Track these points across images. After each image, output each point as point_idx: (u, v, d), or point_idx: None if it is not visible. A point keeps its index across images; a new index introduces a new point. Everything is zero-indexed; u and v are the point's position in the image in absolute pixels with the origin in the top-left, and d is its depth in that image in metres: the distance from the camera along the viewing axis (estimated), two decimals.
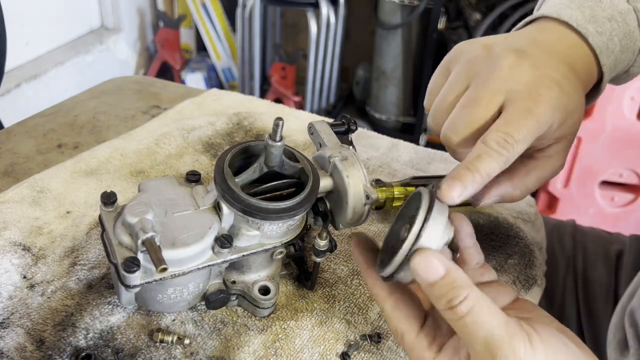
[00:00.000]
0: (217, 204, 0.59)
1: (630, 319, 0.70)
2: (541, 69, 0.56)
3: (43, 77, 2.40)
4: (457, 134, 0.56)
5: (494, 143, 0.52)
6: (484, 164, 0.52)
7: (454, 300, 0.46)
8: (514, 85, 0.55)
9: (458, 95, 0.58)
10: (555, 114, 0.55)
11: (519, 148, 0.53)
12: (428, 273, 0.47)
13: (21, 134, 0.95)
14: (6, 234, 0.69)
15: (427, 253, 0.48)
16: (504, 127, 0.53)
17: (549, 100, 0.54)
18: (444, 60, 0.62)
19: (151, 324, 0.61)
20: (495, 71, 0.56)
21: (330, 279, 0.70)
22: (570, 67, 0.59)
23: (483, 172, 0.52)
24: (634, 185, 2.18)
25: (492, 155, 0.52)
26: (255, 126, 0.96)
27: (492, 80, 0.56)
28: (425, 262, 0.47)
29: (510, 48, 0.58)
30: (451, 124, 0.57)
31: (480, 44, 0.60)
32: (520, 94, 0.54)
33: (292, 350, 0.61)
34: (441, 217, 0.50)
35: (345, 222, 0.61)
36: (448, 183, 0.51)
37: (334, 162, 0.61)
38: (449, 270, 0.47)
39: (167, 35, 2.95)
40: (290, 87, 2.89)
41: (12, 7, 2.15)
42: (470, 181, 0.51)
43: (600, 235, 0.98)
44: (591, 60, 0.62)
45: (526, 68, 0.56)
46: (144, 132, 0.94)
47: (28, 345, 0.57)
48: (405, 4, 2.47)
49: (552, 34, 0.62)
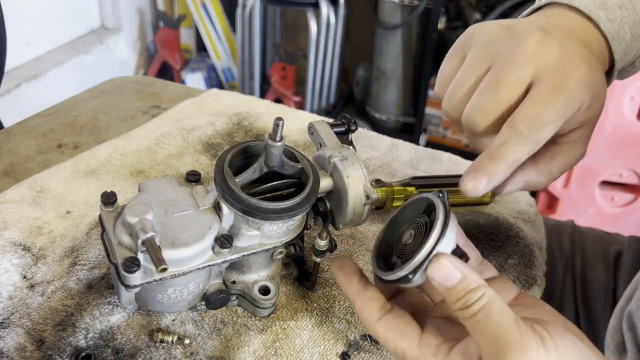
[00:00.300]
0: (217, 204, 0.59)
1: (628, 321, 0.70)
2: (567, 47, 0.53)
3: (43, 77, 2.40)
4: (483, 116, 0.52)
5: (522, 126, 0.49)
6: (511, 150, 0.49)
7: (469, 301, 0.46)
8: (542, 62, 0.52)
9: (479, 77, 0.54)
10: (584, 93, 0.52)
11: (549, 130, 0.50)
12: (446, 279, 0.48)
13: (21, 134, 0.95)
14: (6, 234, 0.69)
15: (442, 260, 0.48)
16: (532, 109, 0.50)
17: (578, 78, 0.51)
18: (455, 44, 0.59)
19: (151, 324, 0.61)
20: (521, 48, 0.52)
21: (330, 279, 0.70)
22: (589, 49, 0.56)
23: (510, 160, 0.49)
24: (634, 185, 2.18)
25: (520, 140, 0.49)
26: (255, 126, 0.96)
27: (518, 58, 0.52)
28: (442, 268, 0.48)
29: (534, 26, 0.54)
30: (476, 107, 0.53)
31: (497, 24, 0.57)
32: (549, 71, 0.51)
33: (292, 350, 0.61)
34: (454, 223, 0.50)
35: (345, 222, 0.61)
36: (472, 175, 0.49)
37: (334, 162, 0.61)
38: (465, 275, 0.47)
39: (167, 35, 2.95)
40: (290, 87, 2.89)
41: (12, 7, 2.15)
42: (496, 171, 0.49)
43: (599, 235, 0.98)
44: (603, 47, 0.59)
45: (554, 45, 0.52)
46: (144, 132, 0.94)
47: (28, 345, 0.57)
48: (405, 4, 2.47)
49: (564, 20, 0.59)
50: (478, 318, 0.46)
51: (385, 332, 0.52)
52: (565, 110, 0.51)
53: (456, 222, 0.51)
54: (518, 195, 0.90)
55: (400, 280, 0.51)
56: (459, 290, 0.47)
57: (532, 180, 0.57)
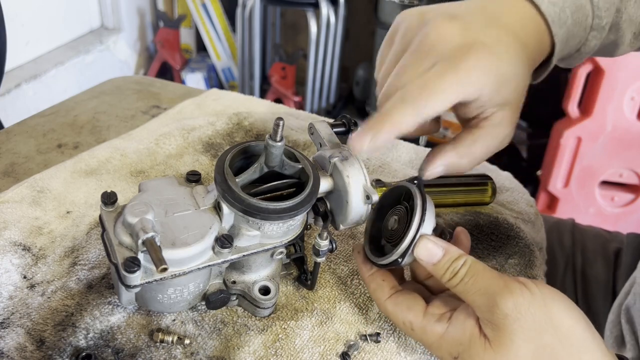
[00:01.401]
0: (217, 204, 0.59)
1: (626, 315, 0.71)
2: (472, 33, 0.55)
3: (43, 77, 2.40)
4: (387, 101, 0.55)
5: (409, 93, 0.52)
6: (396, 111, 0.52)
7: (454, 270, 0.53)
8: (441, 48, 0.54)
9: None
10: (483, 78, 0.53)
11: (437, 102, 0.52)
12: (430, 257, 0.55)
13: (21, 134, 0.95)
14: (6, 234, 0.69)
15: (425, 241, 0.55)
16: (421, 80, 0.53)
17: (474, 61, 0.53)
18: (389, 31, 0.62)
19: (151, 324, 0.61)
20: (425, 37, 0.55)
21: (330, 279, 0.70)
22: (514, 35, 0.57)
23: (395, 120, 0.52)
24: (634, 185, 2.18)
25: (405, 104, 0.52)
26: (255, 126, 0.96)
27: (421, 46, 0.55)
28: (425, 248, 0.55)
29: (442, 13, 0.57)
30: (384, 93, 0.57)
31: (416, 11, 0.60)
32: (445, 56, 0.54)
33: (293, 350, 0.61)
34: (431, 206, 0.58)
35: (345, 222, 0.61)
36: (358, 132, 0.53)
37: (334, 163, 0.61)
38: (446, 249, 0.55)
39: (167, 35, 2.95)
40: (290, 87, 2.89)
41: (12, 7, 2.15)
42: (380, 129, 0.52)
43: (599, 233, 0.99)
44: (543, 30, 0.60)
45: (455, 32, 0.55)
46: (144, 132, 0.94)
47: (28, 345, 0.57)
48: (405, 4, 2.47)
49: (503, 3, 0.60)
50: (466, 280, 0.52)
51: (394, 307, 0.57)
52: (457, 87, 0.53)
53: (432, 203, 0.58)
54: (518, 195, 0.90)
55: (391, 264, 0.58)
56: (444, 263, 0.54)
57: (453, 163, 0.59)
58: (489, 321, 0.51)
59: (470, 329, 0.53)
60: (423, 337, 0.56)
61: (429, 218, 0.56)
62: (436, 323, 0.55)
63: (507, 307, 0.49)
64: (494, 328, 0.51)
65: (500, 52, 0.55)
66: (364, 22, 2.92)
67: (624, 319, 0.72)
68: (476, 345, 0.52)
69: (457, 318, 0.54)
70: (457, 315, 0.55)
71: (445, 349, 0.54)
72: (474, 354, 0.52)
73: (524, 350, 0.49)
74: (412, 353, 0.62)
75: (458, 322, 0.54)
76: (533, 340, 0.49)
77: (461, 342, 0.53)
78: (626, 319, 0.72)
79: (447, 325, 0.54)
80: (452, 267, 0.54)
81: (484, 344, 0.51)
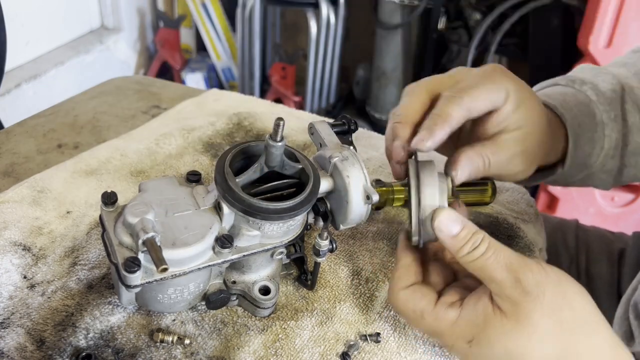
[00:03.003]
0: (217, 204, 0.59)
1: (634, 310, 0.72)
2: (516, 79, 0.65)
3: (43, 77, 2.40)
4: None
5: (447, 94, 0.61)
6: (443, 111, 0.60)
7: (475, 243, 0.54)
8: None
9: None
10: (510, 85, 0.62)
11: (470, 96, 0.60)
12: (449, 229, 0.55)
13: (21, 134, 0.95)
14: (6, 234, 0.69)
15: (442, 213, 0.56)
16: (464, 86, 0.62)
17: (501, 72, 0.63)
18: None
19: (151, 324, 0.61)
20: None
21: (330, 279, 0.70)
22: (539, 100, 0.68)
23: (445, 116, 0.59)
24: (634, 185, 2.18)
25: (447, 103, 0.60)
26: (255, 126, 0.96)
27: None
28: (443, 222, 0.56)
29: None
30: None
31: None
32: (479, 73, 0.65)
33: (293, 350, 0.61)
34: (431, 177, 0.58)
35: (345, 222, 0.62)
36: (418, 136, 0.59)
37: (335, 163, 0.61)
38: (464, 223, 0.55)
39: (167, 35, 2.94)
40: (290, 87, 2.89)
41: (13, 7, 2.15)
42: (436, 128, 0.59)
43: (603, 234, 0.99)
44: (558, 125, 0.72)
45: None
46: (144, 132, 0.94)
47: (28, 345, 0.57)
48: (405, 4, 2.47)
49: None
50: (488, 255, 0.53)
51: (407, 295, 0.57)
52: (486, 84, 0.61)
53: (435, 171, 0.59)
54: (518, 195, 0.90)
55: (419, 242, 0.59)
56: (464, 236, 0.55)
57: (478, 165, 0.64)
58: (509, 297, 0.52)
59: (484, 308, 0.53)
60: (434, 324, 0.56)
61: (430, 187, 0.57)
62: (448, 309, 0.55)
63: (529, 284, 0.51)
64: (513, 303, 0.51)
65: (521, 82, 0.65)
66: (364, 22, 2.92)
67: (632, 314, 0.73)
68: (493, 323, 0.52)
69: (468, 303, 0.55)
70: (467, 301, 0.55)
71: (459, 334, 0.54)
72: (491, 333, 0.52)
73: (543, 325, 0.51)
74: (413, 353, 0.62)
75: (470, 306, 0.54)
76: (551, 316, 0.51)
77: (476, 323, 0.53)
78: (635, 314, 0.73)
79: (460, 311, 0.55)
80: (472, 240, 0.54)
81: (501, 320, 0.52)
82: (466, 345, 0.54)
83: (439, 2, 2.41)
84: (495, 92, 0.61)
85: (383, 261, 0.73)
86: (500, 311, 0.52)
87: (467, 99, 0.60)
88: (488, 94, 0.61)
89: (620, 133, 0.76)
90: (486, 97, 0.61)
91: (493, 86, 0.62)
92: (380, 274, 0.71)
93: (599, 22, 1.90)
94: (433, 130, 0.59)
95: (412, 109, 0.63)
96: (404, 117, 0.63)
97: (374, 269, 0.72)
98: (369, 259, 0.73)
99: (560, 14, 2.25)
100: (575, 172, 0.77)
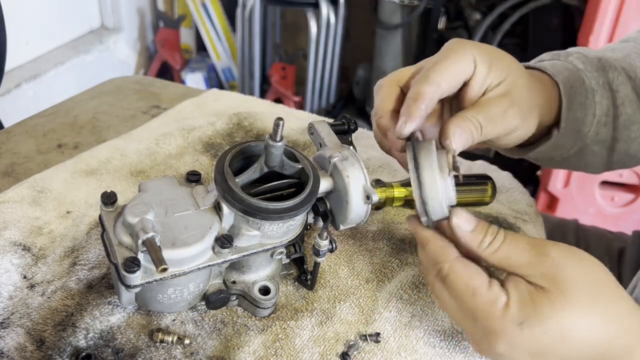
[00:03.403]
0: (217, 204, 0.59)
1: None
2: None
3: (43, 77, 2.40)
4: None
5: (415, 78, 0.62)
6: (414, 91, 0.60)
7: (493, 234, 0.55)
8: None
9: None
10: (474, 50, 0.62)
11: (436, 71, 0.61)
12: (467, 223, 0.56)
13: (21, 134, 0.95)
14: (6, 234, 0.69)
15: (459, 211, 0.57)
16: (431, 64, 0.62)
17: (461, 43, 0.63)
18: None
19: (151, 324, 0.61)
20: None
21: (330, 279, 0.70)
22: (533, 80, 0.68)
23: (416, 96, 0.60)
24: (634, 185, 2.18)
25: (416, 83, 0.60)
26: (255, 126, 0.96)
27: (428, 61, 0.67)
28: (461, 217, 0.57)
29: None
30: None
31: None
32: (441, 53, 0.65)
33: (292, 350, 0.61)
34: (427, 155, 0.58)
35: (345, 222, 0.62)
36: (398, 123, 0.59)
37: (334, 162, 0.61)
38: (477, 220, 0.57)
39: (167, 35, 2.94)
40: (290, 87, 2.89)
41: (12, 7, 2.14)
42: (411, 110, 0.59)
43: (603, 233, 1.00)
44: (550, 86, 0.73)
45: None
46: (144, 132, 0.94)
47: (28, 345, 0.57)
48: (405, 4, 2.47)
49: None
50: (508, 240, 0.55)
51: (464, 267, 0.56)
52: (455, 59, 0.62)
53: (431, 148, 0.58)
54: (518, 195, 0.90)
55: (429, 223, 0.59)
56: (481, 228, 0.56)
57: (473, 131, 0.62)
58: (544, 274, 0.52)
59: (527, 289, 0.53)
60: (485, 306, 0.53)
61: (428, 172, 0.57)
62: (501, 291, 0.54)
63: (556, 255, 0.53)
64: (548, 278, 0.52)
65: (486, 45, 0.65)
66: (364, 22, 2.92)
67: None
68: (541, 301, 0.52)
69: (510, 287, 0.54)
70: (508, 285, 0.54)
71: (511, 317, 0.52)
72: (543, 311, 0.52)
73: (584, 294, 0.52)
74: (413, 353, 0.62)
75: (513, 288, 0.53)
76: (584, 278, 0.52)
77: (525, 303, 0.52)
78: None
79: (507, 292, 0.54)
80: (489, 232, 0.55)
81: (548, 296, 0.52)
82: (517, 329, 0.52)
83: (439, 2, 2.41)
84: (462, 61, 0.62)
85: (383, 261, 0.73)
86: (541, 288, 0.52)
87: (434, 75, 0.60)
88: (454, 65, 0.62)
89: (610, 101, 0.76)
90: (453, 68, 0.62)
91: (457, 56, 0.62)
92: (380, 274, 0.71)
93: (599, 22, 1.90)
94: (410, 113, 0.59)
95: (387, 101, 0.64)
96: (382, 111, 0.64)
97: (373, 269, 0.72)
98: (369, 259, 0.73)
99: (560, 14, 2.25)
100: (570, 142, 0.76)
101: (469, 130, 0.61)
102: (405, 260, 0.74)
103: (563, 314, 0.51)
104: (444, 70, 0.61)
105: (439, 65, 0.61)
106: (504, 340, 0.53)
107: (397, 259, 0.74)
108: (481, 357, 0.62)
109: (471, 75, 0.63)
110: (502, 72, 0.64)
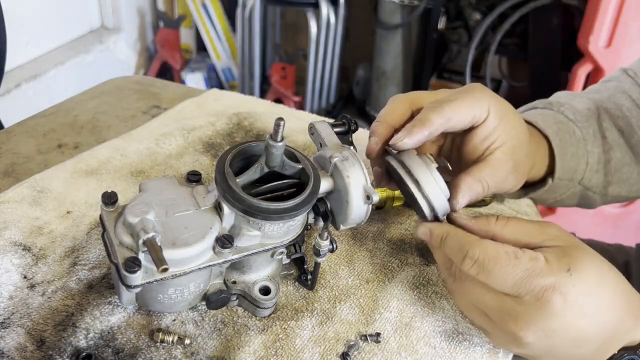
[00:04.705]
0: (217, 204, 0.59)
1: None
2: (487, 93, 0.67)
3: (43, 77, 2.40)
4: None
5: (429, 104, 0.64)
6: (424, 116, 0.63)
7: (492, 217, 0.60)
8: None
9: None
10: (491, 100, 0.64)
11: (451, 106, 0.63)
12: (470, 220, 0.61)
13: (21, 134, 0.95)
14: (6, 234, 0.69)
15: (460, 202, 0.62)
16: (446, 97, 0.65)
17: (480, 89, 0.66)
18: None
19: (151, 324, 0.61)
20: None
21: (330, 279, 0.70)
22: None
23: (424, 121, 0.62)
24: None
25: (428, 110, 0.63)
26: (255, 126, 0.96)
27: None
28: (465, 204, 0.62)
29: None
30: None
31: None
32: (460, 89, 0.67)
33: (293, 350, 0.61)
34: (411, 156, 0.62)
35: (346, 223, 0.62)
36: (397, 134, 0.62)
37: (335, 163, 0.61)
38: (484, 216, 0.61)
39: (167, 35, 2.94)
40: (290, 87, 2.89)
41: (12, 7, 2.14)
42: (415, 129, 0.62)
43: (603, 247, 1.01)
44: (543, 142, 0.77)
45: None
46: (144, 132, 0.94)
47: (28, 345, 0.57)
48: (405, 4, 2.47)
49: None
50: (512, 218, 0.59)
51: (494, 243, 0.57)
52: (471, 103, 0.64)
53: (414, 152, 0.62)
54: None
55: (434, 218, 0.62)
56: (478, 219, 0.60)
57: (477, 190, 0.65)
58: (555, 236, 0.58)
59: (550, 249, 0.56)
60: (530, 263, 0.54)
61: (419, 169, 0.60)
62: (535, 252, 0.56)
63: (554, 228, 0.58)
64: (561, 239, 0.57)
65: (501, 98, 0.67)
66: (364, 22, 2.92)
67: None
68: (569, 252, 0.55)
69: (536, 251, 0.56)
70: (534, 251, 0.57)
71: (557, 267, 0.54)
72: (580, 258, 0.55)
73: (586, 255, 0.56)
74: (413, 353, 0.62)
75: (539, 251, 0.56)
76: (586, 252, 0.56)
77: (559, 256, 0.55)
78: None
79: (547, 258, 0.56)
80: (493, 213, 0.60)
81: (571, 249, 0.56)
82: (567, 274, 0.54)
83: (439, 2, 2.41)
84: (477, 106, 0.64)
85: (383, 261, 0.73)
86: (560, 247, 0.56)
87: (448, 109, 0.62)
88: (469, 107, 0.64)
89: (601, 148, 0.81)
90: (467, 110, 0.63)
91: (473, 100, 0.64)
92: (381, 274, 0.71)
93: (599, 22, 1.90)
94: (412, 131, 0.61)
95: (393, 113, 0.66)
96: (383, 118, 0.66)
97: (374, 269, 0.72)
98: (369, 259, 0.73)
99: (560, 14, 2.26)
100: (563, 188, 0.80)
101: (476, 192, 0.64)
102: (405, 261, 0.74)
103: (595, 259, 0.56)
104: (458, 109, 0.63)
105: (455, 103, 0.63)
106: (559, 290, 0.53)
107: (397, 259, 0.74)
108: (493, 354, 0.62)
109: (481, 123, 0.65)
110: (509, 132, 0.66)
